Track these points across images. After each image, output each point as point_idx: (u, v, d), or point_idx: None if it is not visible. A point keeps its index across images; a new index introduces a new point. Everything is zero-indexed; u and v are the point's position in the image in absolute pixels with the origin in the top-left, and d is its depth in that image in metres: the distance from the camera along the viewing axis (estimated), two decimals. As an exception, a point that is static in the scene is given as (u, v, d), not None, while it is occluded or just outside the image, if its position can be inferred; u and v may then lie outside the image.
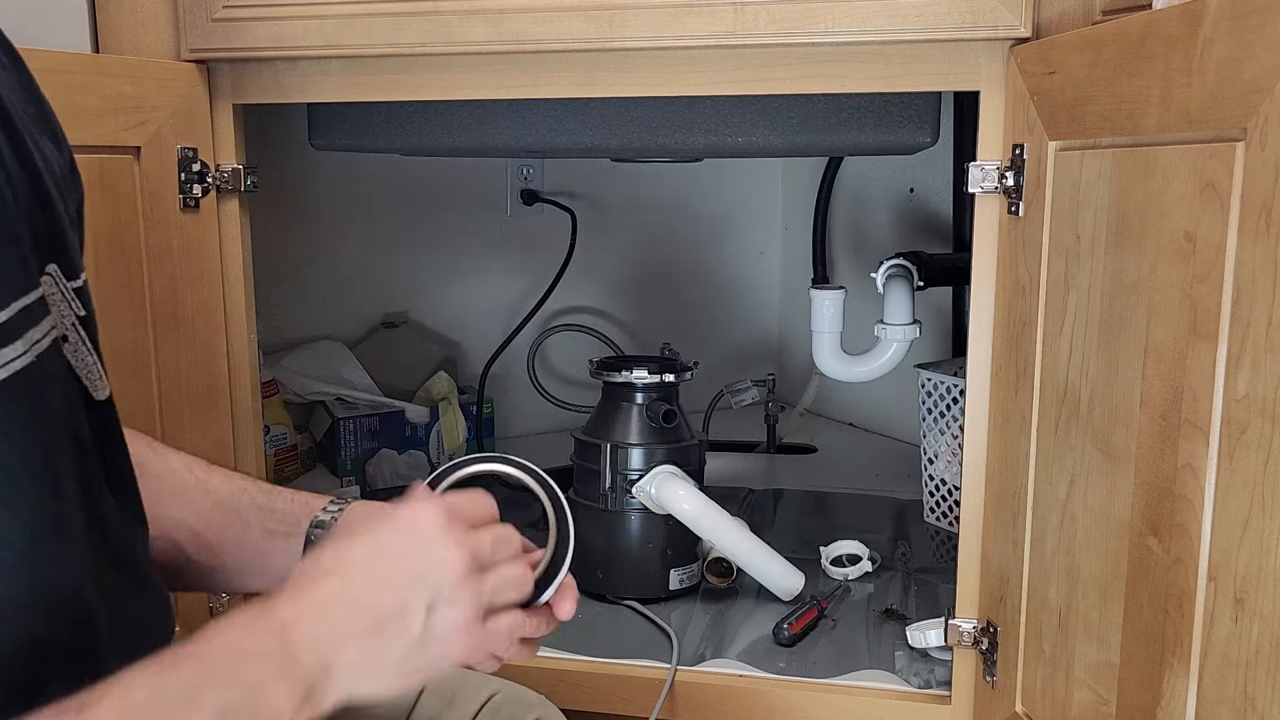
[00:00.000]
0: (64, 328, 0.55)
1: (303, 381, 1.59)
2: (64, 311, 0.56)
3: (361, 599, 0.54)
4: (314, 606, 0.53)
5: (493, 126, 1.11)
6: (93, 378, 0.58)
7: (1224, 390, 0.61)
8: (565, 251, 1.83)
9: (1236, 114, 0.59)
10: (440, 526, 0.57)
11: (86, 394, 0.57)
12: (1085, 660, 0.79)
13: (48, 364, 0.50)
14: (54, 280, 0.55)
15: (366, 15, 0.98)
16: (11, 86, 0.56)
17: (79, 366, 0.57)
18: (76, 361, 0.56)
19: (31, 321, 0.49)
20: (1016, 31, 0.88)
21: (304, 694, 0.51)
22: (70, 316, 0.56)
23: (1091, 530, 0.77)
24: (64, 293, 0.56)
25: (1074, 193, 0.79)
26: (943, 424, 1.42)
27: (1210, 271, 0.62)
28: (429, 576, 0.56)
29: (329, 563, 0.56)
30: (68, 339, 0.56)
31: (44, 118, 0.60)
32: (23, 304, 0.49)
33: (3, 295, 0.48)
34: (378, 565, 0.56)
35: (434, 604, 0.55)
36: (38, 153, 0.55)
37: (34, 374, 0.49)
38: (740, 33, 0.93)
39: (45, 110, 0.60)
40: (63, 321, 0.55)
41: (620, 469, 1.21)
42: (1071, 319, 0.79)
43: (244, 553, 0.72)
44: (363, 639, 0.54)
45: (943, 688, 1.03)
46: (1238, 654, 0.61)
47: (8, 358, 0.47)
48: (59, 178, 0.58)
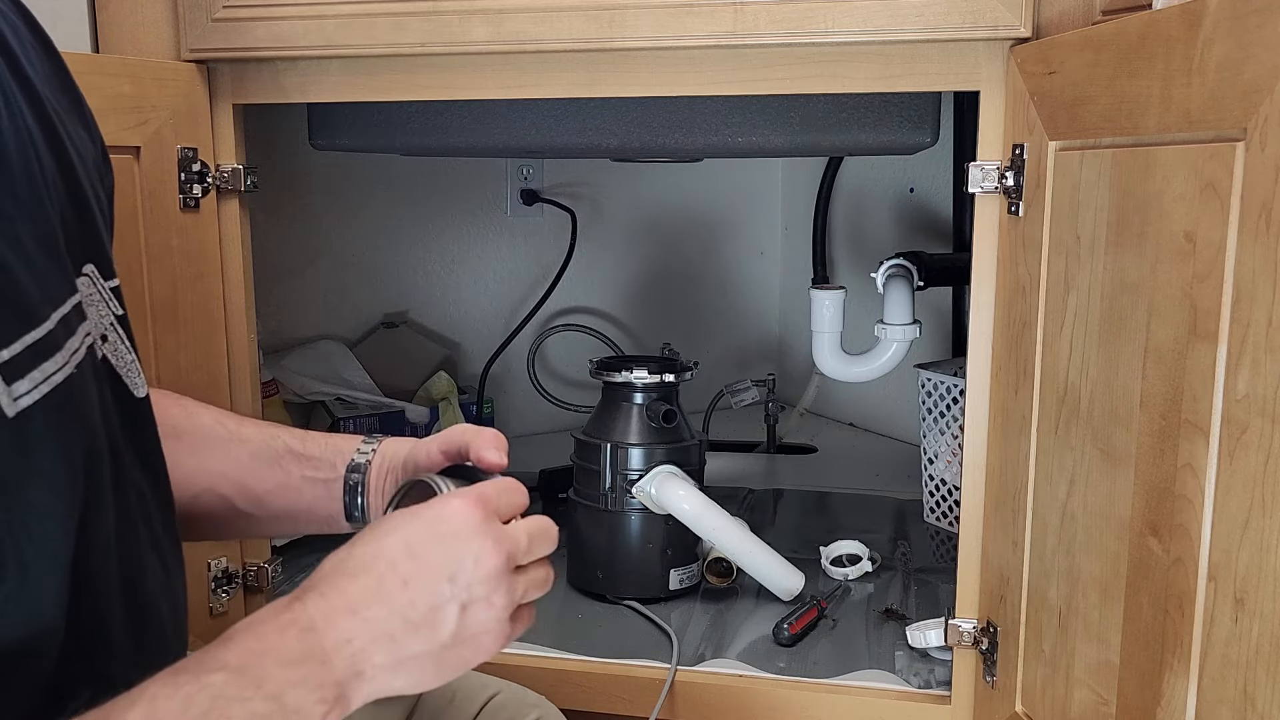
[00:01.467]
0: (103, 327, 0.55)
1: (303, 381, 1.59)
2: (102, 312, 0.56)
3: (394, 599, 0.52)
4: (345, 606, 0.52)
5: (493, 126, 1.11)
6: (132, 375, 0.58)
7: (1224, 390, 0.61)
8: (565, 251, 1.83)
9: (1236, 114, 0.59)
10: (476, 523, 0.55)
11: (126, 392, 0.57)
12: (1085, 660, 0.79)
13: (85, 371, 0.50)
14: (91, 280, 0.55)
15: (366, 15, 0.98)
16: (45, 76, 0.56)
17: (119, 365, 0.57)
18: (116, 360, 0.56)
19: (69, 330, 0.49)
20: (1016, 31, 0.88)
21: (334, 698, 0.50)
22: (109, 316, 0.56)
23: (1091, 530, 0.77)
24: (101, 292, 0.56)
25: (1074, 193, 0.79)
26: (943, 424, 1.42)
27: (1210, 271, 0.62)
28: (463, 575, 0.54)
29: (361, 560, 0.54)
30: (107, 338, 0.55)
31: (76, 105, 0.60)
32: (61, 314, 0.49)
33: (43, 309, 0.47)
34: (410, 564, 0.53)
35: (468, 604, 0.54)
36: (71, 145, 0.55)
37: (73, 384, 0.49)
38: (740, 33, 0.93)
39: (77, 97, 0.60)
40: (101, 322, 0.55)
41: (620, 469, 1.21)
42: (1071, 319, 0.79)
43: (288, 500, 0.72)
44: (394, 640, 0.52)
45: (943, 688, 1.03)
46: (1238, 654, 0.61)
47: (48, 372, 0.47)
48: (91, 169, 0.58)
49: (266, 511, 0.72)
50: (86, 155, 0.58)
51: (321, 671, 0.49)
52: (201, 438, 0.72)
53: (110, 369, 0.56)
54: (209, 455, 0.71)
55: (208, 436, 0.72)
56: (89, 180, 0.57)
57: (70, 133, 0.56)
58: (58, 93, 0.57)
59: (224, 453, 0.72)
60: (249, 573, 1.12)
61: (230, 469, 0.72)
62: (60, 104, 0.57)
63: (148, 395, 0.60)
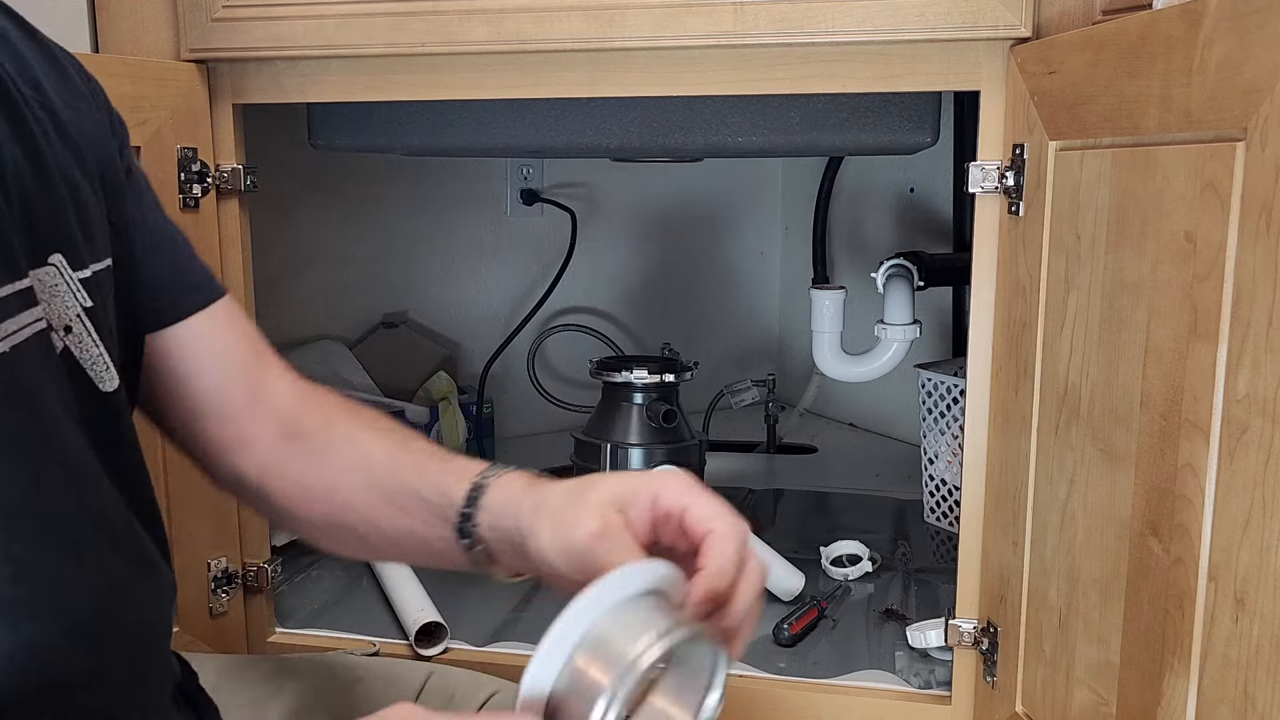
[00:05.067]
0: (67, 318, 0.55)
1: (303, 381, 1.59)
2: (68, 303, 0.55)
3: None
4: None
5: (493, 126, 1.11)
6: (99, 369, 0.57)
7: (1224, 390, 0.61)
8: (565, 251, 1.83)
9: (1237, 114, 0.59)
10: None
11: (91, 386, 0.56)
12: (1085, 660, 0.79)
13: (27, 355, 0.50)
14: (58, 270, 0.54)
15: (366, 15, 0.98)
16: (23, 66, 0.56)
17: (83, 359, 0.56)
18: (81, 354, 0.56)
19: (6, 314, 0.49)
20: (1017, 31, 0.88)
21: None
22: (75, 308, 0.56)
23: (1092, 530, 0.77)
24: (69, 283, 0.55)
25: (1074, 193, 0.79)
26: (943, 424, 1.42)
27: (1210, 271, 0.62)
28: None
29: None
30: (71, 329, 0.55)
31: (76, 92, 0.59)
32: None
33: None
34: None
35: None
36: (44, 134, 0.55)
37: (9, 365, 0.48)
38: (740, 32, 0.93)
39: (90, 89, 0.59)
40: (65, 313, 0.55)
41: (620, 469, 1.20)
42: (1072, 319, 0.79)
43: (406, 541, 0.67)
44: None
45: (943, 688, 1.03)
46: (1238, 654, 0.61)
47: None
48: (89, 157, 0.57)
49: (386, 546, 0.68)
50: (85, 141, 0.57)
51: None
52: (330, 464, 0.68)
53: (73, 362, 0.55)
54: (336, 479, 0.67)
55: (338, 464, 0.68)
56: (77, 170, 0.56)
57: (53, 130, 0.55)
58: (54, 81, 0.57)
59: (347, 479, 0.67)
60: (249, 573, 1.12)
61: (353, 498, 0.67)
62: (53, 91, 0.56)
63: (119, 389, 0.59)
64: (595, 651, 0.45)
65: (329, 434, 0.70)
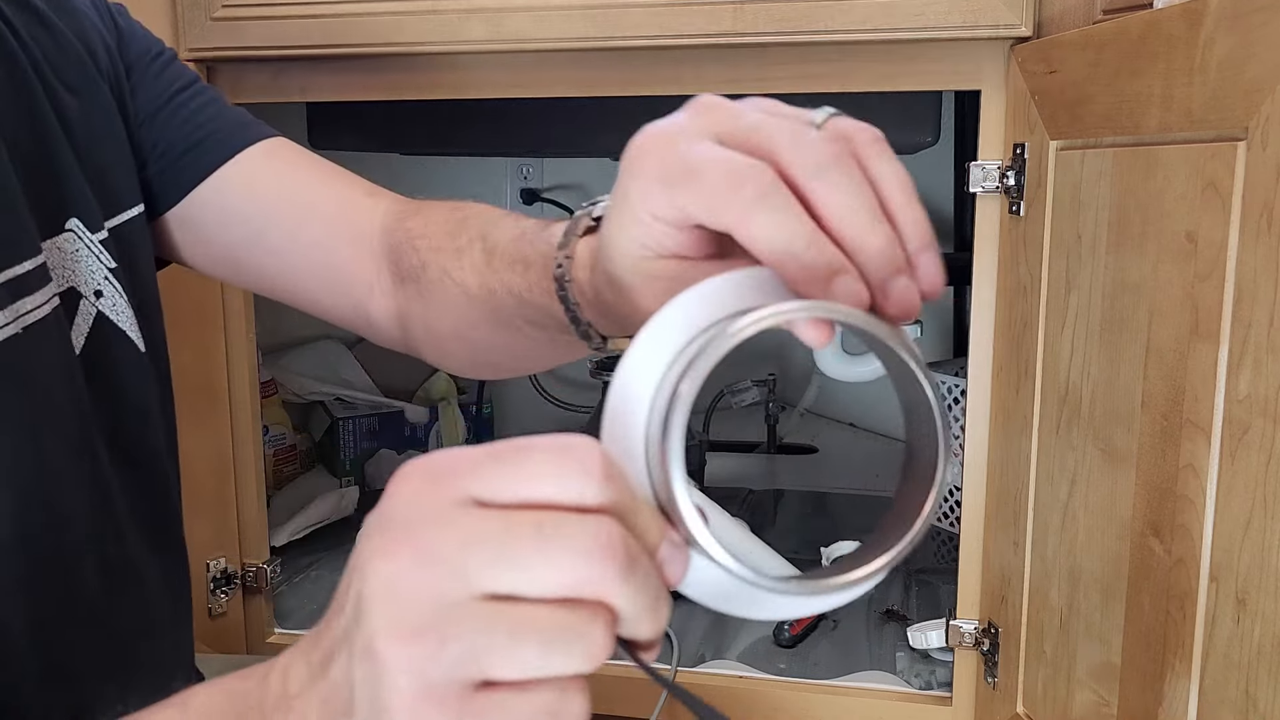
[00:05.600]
0: (96, 283, 0.54)
1: (302, 381, 1.59)
2: (92, 268, 0.54)
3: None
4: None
5: (493, 126, 1.11)
6: (133, 332, 0.57)
7: (1225, 390, 0.61)
8: (565, 251, 1.82)
9: (1238, 113, 0.59)
10: (377, 524, 0.33)
11: (131, 346, 0.56)
12: (1087, 661, 0.78)
13: (41, 336, 0.49)
14: (77, 236, 0.53)
15: (366, 15, 0.98)
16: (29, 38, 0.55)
17: (120, 320, 0.55)
18: (118, 316, 0.55)
19: (19, 293, 0.48)
20: (1017, 30, 0.88)
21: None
22: (101, 270, 0.55)
23: (1093, 531, 0.77)
24: (90, 246, 0.54)
25: (1075, 192, 0.78)
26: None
27: (1211, 271, 0.62)
28: (353, 631, 0.33)
29: None
30: (102, 293, 0.54)
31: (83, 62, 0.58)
32: (9, 276, 0.48)
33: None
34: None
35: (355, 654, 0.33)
36: (53, 100, 0.54)
37: (20, 346, 0.48)
38: (740, 32, 0.93)
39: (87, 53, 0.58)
40: (93, 278, 0.54)
41: (620, 469, 1.20)
42: (1073, 319, 0.79)
43: (519, 352, 0.62)
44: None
45: (944, 689, 1.03)
46: (1239, 655, 0.60)
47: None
48: (98, 122, 0.57)
49: (504, 363, 0.65)
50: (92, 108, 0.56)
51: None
52: (434, 298, 0.63)
53: (111, 326, 0.54)
54: (444, 316, 0.62)
55: (441, 298, 0.62)
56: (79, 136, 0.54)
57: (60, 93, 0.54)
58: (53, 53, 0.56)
59: (452, 315, 0.62)
60: (248, 573, 1.11)
61: (462, 328, 0.62)
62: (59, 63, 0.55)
63: (147, 351, 0.58)
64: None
65: (426, 274, 0.63)
